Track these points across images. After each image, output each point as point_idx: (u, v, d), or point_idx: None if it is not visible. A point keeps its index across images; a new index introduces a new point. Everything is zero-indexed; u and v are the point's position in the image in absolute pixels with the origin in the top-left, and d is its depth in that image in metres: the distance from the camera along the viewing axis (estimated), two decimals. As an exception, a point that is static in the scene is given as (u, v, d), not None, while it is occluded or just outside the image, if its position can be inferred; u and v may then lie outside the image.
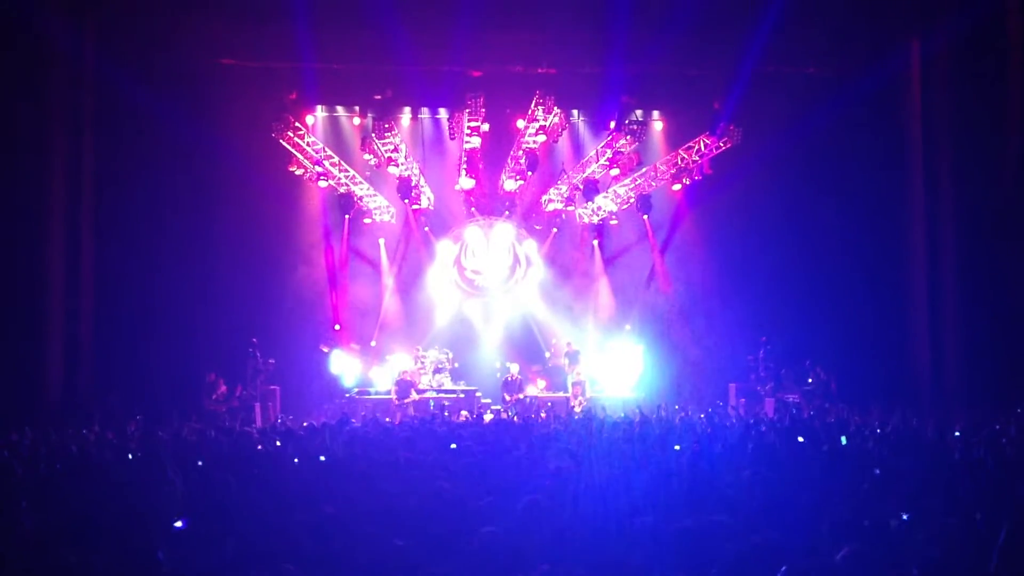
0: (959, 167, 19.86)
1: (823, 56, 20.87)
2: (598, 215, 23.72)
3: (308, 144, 20.52)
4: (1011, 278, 18.46)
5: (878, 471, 8.60)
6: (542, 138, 21.58)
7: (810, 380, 19.76)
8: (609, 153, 21.34)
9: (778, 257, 21.89)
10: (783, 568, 4.91)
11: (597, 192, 23.23)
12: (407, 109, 22.17)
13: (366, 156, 21.92)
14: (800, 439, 11.42)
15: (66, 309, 19.07)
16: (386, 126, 20.43)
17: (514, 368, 21.43)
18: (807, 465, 8.81)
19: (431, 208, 23.52)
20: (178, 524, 6.40)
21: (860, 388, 19.06)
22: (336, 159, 21.15)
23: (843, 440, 11.66)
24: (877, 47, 20.45)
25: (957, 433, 12.05)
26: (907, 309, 21.29)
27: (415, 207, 23.24)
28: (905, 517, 5.98)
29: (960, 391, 19.03)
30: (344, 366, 21.62)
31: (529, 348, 23.23)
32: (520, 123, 21.49)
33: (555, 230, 24.00)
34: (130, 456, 10.68)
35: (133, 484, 7.90)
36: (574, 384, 20.95)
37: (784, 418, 15.92)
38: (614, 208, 23.40)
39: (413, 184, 22.51)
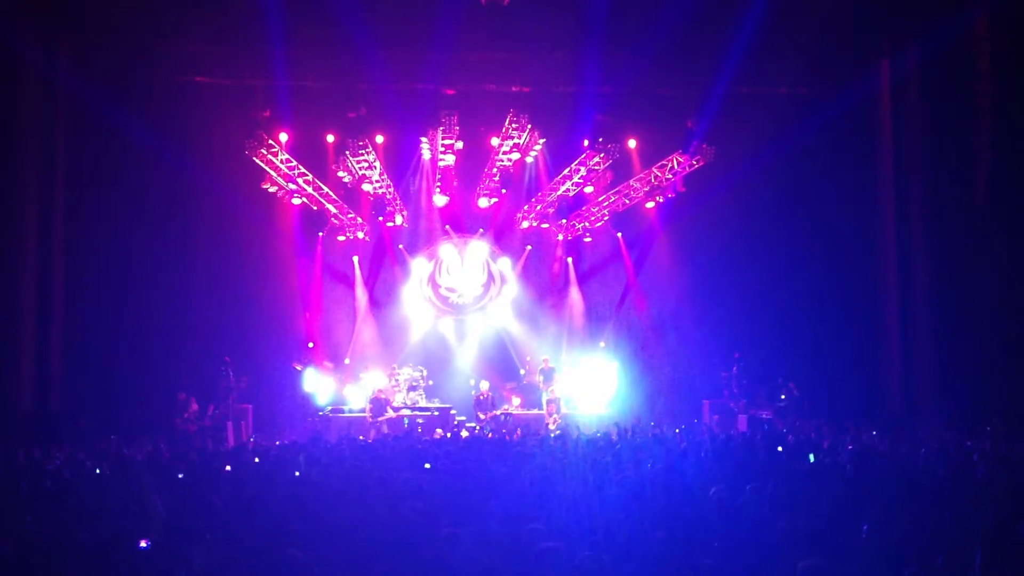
0: (930, 186, 20.09)
1: (794, 76, 21.05)
2: (572, 233, 23.81)
3: (281, 161, 20.44)
4: (982, 296, 18.66)
5: (852, 488, 8.67)
6: (516, 156, 21.63)
7: (783, 397, 19.86)
8: (583, 171, 21.40)
9: (751, 274, 22.00)
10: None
11: (571, 210, 23.35)
12: (381, 126, 22.10)
13: (340, 174, 21.89)
14: (778, 448, 11.49)
15: (37, 328, 18.89)
16: (360, 144, 20.40)
17: (484, 385, 21.39)
18: (782, 482, 8.84)
19: (405, 226, 23.49)
20: (143, 544, 6.34)
21: (832, 405, 19.19)
22: (309, 176, 21.07)
23: (811, 458, 11.74)
24: (848, 68, 20.68)
25: (928, 450, 12.14)
26: (879, 327, 21.46)
27: (389, 224, 23.21)
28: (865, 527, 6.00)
29: (931, 408, 19.17)
30: (318, 384, 21.48)
31: (504, 365, 23.19)
32: (494, 141, 21.52)
33: (529, 248, 24.02)
34: (98, 472, 10.59)
35: (105, 506, 7.81)
36: (549, 402, 20.93)
37: (757, 435, 15.99)
38: (588, 226, 23.51)
39: (387, 201, 22.50)
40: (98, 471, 10.83)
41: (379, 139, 21.91)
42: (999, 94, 18.21)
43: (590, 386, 21.77)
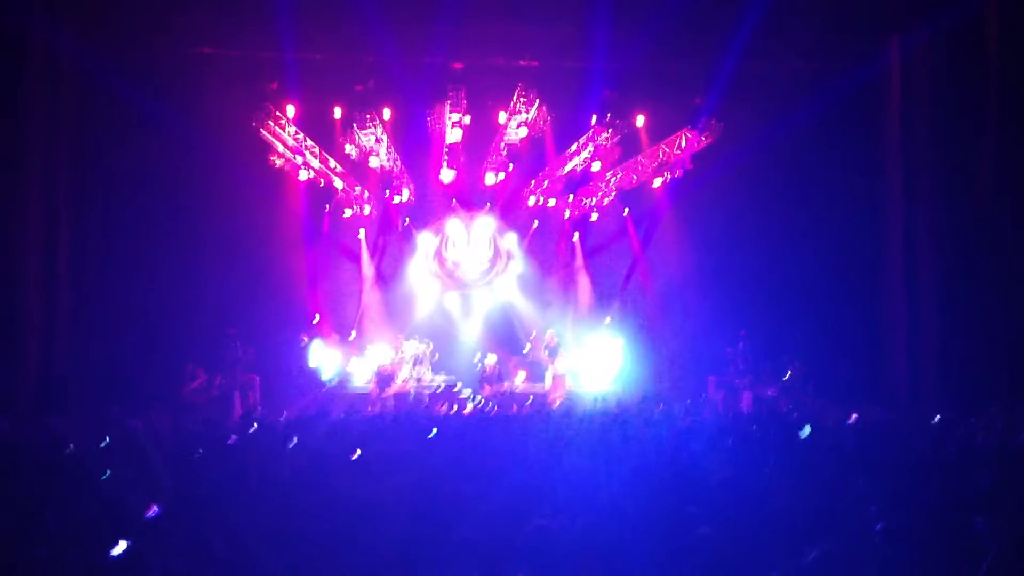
0: (937, 164, 19.98)
1: (804, 53, 20.91)
2: (579, 209, 23.77)
3: (289, 134, 20.40)
4: (988, 276, 18.59)
5: (857, 463, 8.69)
6: (524, 131, 21.57)
7: (788, 374, 19.88)
8: (591, 147, 21.34)
9: (757, 251, 21.98)
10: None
11: (578, 186, 23.31)
12: (389, 100, 21.99)
13: (347, 147, 21.84)
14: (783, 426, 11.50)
15: (43, 298, 18.90)
16: (367, 117, 20.35)
17: (491, 359, 21.41)
18: (787, 459, 8.86)
19: (412, 200, 23.46)
20: (150, 512, 6.37)
21: (837, 383, 19.20)
22: (317, 150, 21.03)
23: (807, 429, 11.76)
24: (858, 44, 20.51)
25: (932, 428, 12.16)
26: (884, 305, 21.41)
27: (396, 199, 23.18)
28: (878, 527, 6.01)
29: (935, 388, 19.17)
30: (323, 358, 21.54)
31: (509, 341, 23.21)
32: (502, 116, 21.45)
33: (536, 223, 23.99)
34: (105, 444, 10.62)
35: (110, 477, 7.85)
36: (555, 377, 20.97)
37: (762, 412, 16.03)
38: (595, 202, 23.47)
39: (394, 176, 22.46)
40: (107, 439, 10.85)
41: (386, 113, 21.80)
42: (1009, 73, 18.07)
43: (595, 362, 21.83)
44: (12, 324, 18.14)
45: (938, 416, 12.96)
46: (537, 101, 20.41)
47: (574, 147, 21.61)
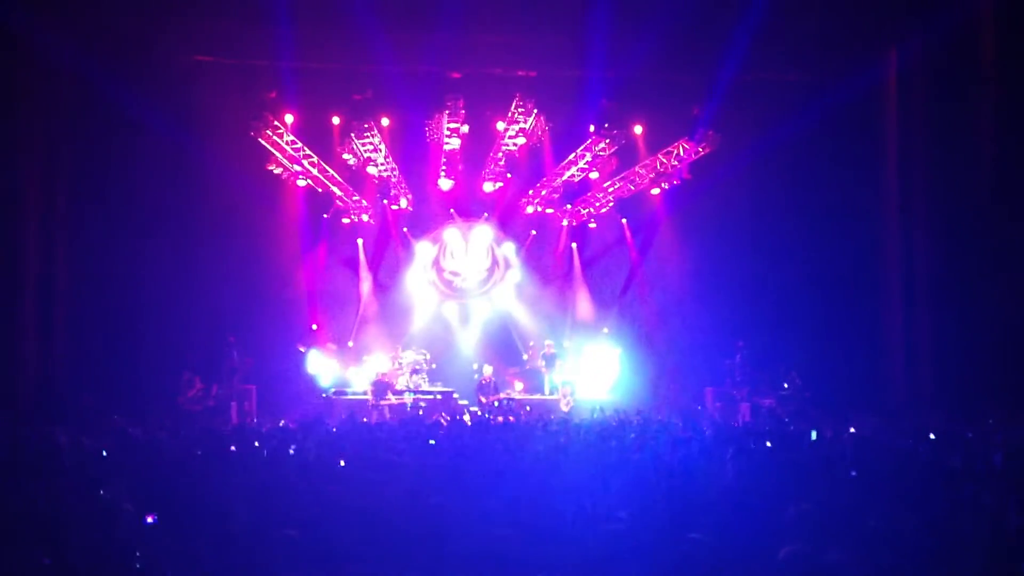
0: (933, 175, 20.06)
1: (802, 63, 20.94)
2: (577, 218, 23.79)
3: (287, 143, 20.39)
4: (984, 286, 18.63)
5: (854, 473, 8.70)
6: (521, 140, 21.57)
7: (785, 385, 19.89)
8: (588, 156, 21.35)
9: (755, 262, 22.02)
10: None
11: (576, 195, 23.32)
12: (387, 109, 22.00)
13: (345, 156, 21.85)
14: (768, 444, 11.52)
15: (41, 305, 18.92)
16: (365, 126, 20.34)
17: (487, 370, 21.38)
18: (784, 470, 8.86)
19: (410, 209, 23.47)
20: (149, 519, 6.36)
21: (834, 394, 19.21)
22: (315, 159, 21.03)
23: (813, 435, 11.80)
24: (855, 55, 20.57)
25: (932, 437, 12.16)
26: (881, 316, 21.46)
27: (394, 208, 23.19)
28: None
29: (932, 399, 19.18)
30: (321, 366, 21.54)
31: (507, 350, 23.21)
32: (500, 125, 21.48)
33: (533, 233, 24.00)
34: (104, 453, 10.61)
35: (110, 483, 7.83)
36: (564, 385, 20.94)
37: (760, 423, 16.02)
38: (593, 211, 23.48)
39: (392, 184, 22.47)
40: (104, 452, 10.83)
41: (385, 122, 21.76)
42: (1005, 82, 18.14)
43: (593, 372, 21.80)
44: (10, 331, 18.14)
45: (936, 430, 12.94)
46: (535, 110, 20.40)
47: (572, 156, 21.61)
